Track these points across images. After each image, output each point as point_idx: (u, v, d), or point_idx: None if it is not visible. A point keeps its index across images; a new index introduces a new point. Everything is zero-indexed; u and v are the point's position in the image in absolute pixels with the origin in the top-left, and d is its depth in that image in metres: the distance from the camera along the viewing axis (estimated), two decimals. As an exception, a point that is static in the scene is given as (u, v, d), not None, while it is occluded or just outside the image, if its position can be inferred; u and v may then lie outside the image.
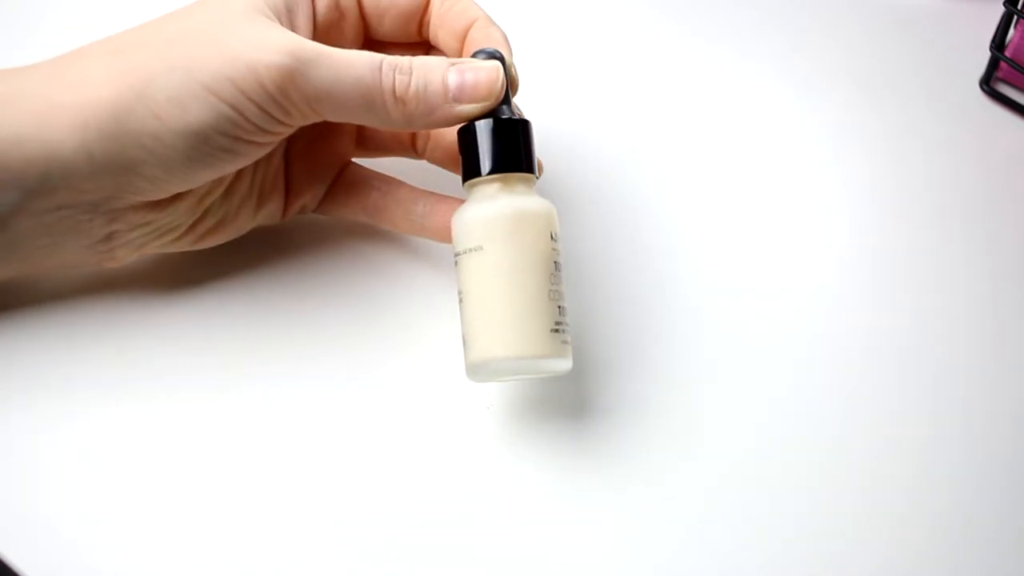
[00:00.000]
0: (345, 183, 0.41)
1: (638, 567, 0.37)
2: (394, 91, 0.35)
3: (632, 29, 0.49)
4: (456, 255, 0.36)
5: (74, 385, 0.38)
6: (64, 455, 0.37)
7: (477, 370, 0.35)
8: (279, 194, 0.40)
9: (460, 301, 0.36)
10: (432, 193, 0.40)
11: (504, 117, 0.36)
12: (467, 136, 0.36)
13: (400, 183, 0.41)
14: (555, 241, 0.36)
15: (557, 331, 0.35)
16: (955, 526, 0.38)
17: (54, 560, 0.35)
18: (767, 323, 0.41)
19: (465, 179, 0.37)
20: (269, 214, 0.40)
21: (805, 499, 0.38)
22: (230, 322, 0.39)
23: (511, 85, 0.37)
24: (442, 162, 0.41)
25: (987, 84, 0.48)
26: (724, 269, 0.42)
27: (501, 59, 0.36)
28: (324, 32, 0.38)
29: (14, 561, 0.35)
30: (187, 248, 0.39)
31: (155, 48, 0.34)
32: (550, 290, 0.35)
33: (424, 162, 0.41)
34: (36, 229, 0.35)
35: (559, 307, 0.35)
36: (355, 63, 0.34)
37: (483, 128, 0.36)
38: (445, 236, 0.38)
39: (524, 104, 0.40)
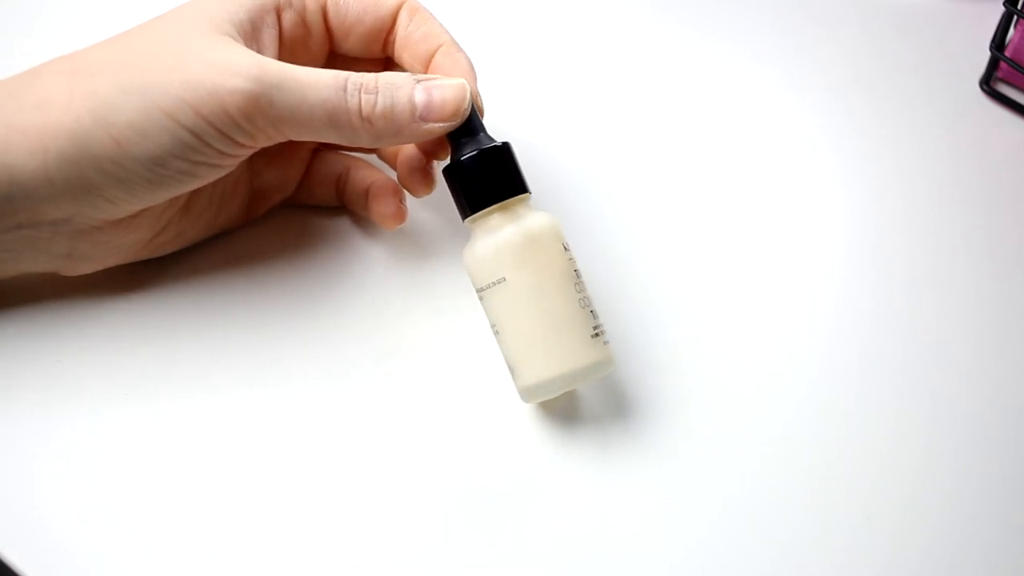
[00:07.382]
0: (311, 174, 0.41)
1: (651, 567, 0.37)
2: (360, 111, 0.34)
3: (631, 28, 0.49)
4: (479, 291, 0.37)
5: (63, 385, 0.38)
6: (60, 455, 0.37)
7: (531, 394, 0.36)
8: (239, 201, 0.40)
9: (496, 334, 0.37)
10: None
11: (486, 147, 0.36)
12: (456, 174, 0.36)
13: (364, 163, 0.41)
14: (568, 251, 0.36)
15: (597, 335, 0.36)
16: (957, 528, 0.38)
17: (52, 560, 0.35)
18: (767, 324, 0.41)
19: (464, 216, 0.37)
20: (229, 220, 0.40)
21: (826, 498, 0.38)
22: (219, 320, 0.39)
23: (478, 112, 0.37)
24: (391, 160, 0.41)
25: (987, 84, 0.48)
26: (722, 270, 0.42)
27: None
28: (290, 48, 0.38)
29: (15, 562, 0.35)
30: (147, 257, 0.39)
31: (114, 72, 0.34)
32: (579, 299, 0.36)
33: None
34: None
35: (591, 312, 0.36)
36: (320, 84, 0.34)
37: (469, 163, 0.36)
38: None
39: (525, 110, 0.39)
